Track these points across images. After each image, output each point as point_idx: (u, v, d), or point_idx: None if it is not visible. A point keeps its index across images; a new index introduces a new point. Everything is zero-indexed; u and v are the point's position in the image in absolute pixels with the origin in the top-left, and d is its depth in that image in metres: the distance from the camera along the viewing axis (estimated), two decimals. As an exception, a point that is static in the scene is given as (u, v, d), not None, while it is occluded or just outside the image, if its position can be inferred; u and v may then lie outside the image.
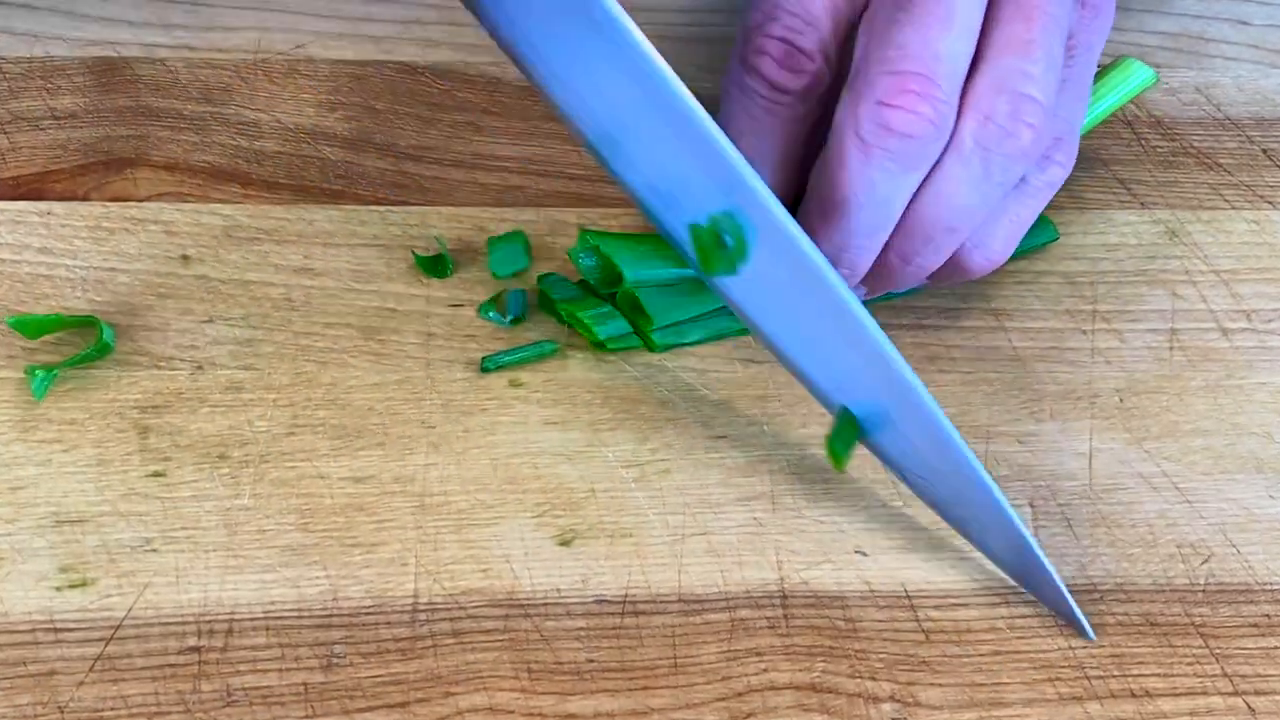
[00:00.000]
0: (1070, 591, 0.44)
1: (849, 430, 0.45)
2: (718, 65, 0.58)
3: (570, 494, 0.46)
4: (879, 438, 0.45)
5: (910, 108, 0.43)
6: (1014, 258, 0.52)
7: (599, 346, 0.49)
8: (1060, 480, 0.47)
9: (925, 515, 0.46)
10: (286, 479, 0.45)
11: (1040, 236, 0.54)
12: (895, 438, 0.44)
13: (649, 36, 0.42)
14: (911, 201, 0.45)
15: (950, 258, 0.47)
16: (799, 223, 0.44)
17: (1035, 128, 0.44)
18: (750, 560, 0.45)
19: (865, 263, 0.46)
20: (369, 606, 0.43)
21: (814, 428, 0.48)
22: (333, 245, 0.51)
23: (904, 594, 0.44)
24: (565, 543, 0.45)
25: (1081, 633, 0.43)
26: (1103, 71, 0.54)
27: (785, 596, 0.44)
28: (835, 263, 0.46)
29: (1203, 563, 0.46)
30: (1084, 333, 0.52)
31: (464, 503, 0.45)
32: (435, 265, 0.51)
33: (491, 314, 0.50)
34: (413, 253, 0.51)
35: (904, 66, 0.43)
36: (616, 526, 0.45)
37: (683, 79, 0.42)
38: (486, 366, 0.48)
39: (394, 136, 0.55)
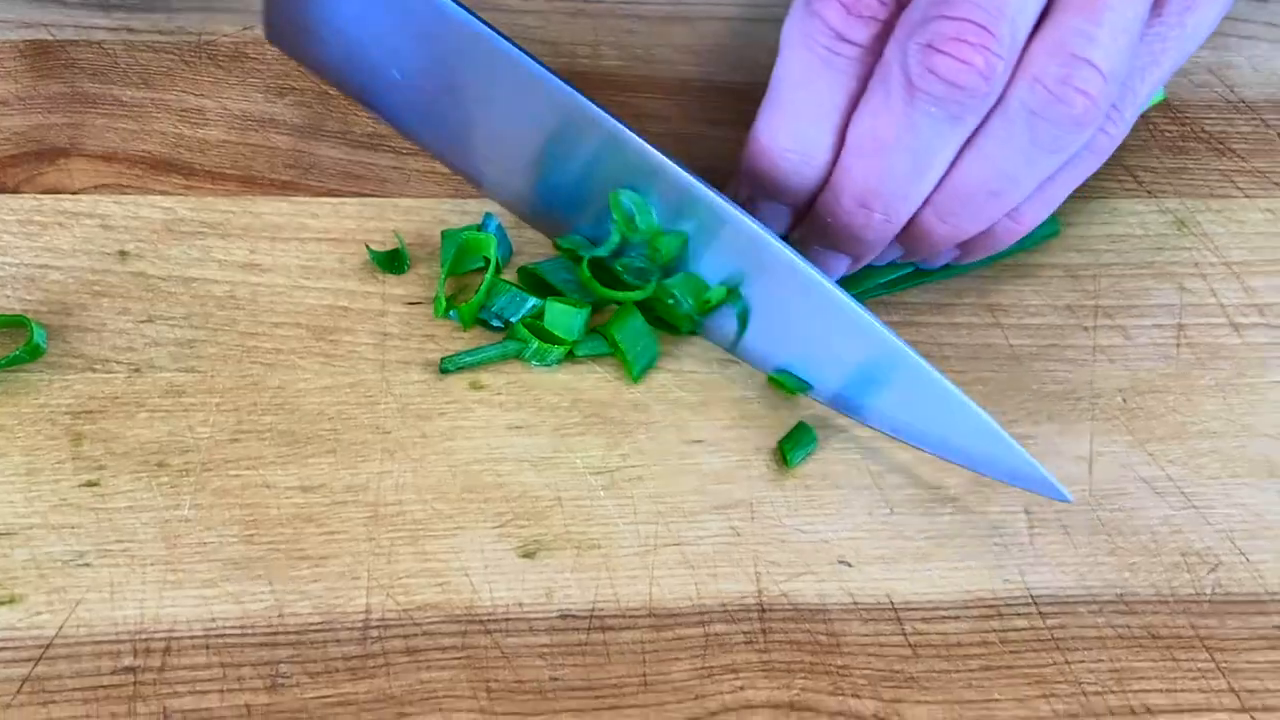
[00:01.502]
0: (1068, 601, 0.44)
1: (805, 436, 0.48)
2: (698, 45, 0.59)
3: (534, 503, 0.46)
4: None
5: (962, 56, 0.44)
6: (1012, 252, 0.53)
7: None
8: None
9: (913, 523, 0.47)
10: (230, 488, 0.46)
11: (1040, 230, 0.54)
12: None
13: (623, 16, 0.43)
14: (956, 157, 0.46)
15: None
16: (839, 163, 0.46)
17: (1091, 96, 0.45)
18: (726, 572, 0.45)
19: (901, 210, 0.47)
20: (317, 623, 0.43)
21: (795, 431, 0.49)
22: (281, 239, 0.52)
23: (890, 606, 0.45)
24: (529, 554, 0.45)
25: (1057, 497, 0.45)
26: None
27: (763, 610, 0.45)
28: (869, 206, 0.47)
29: (1209, 572, 0.46)
30: (1086, 329, 0.52)
31: (420, 513, 0.46)
32: (391, 260, 0.52)
33: (453, 313, 0.50)
34: (367, 247, 0.52)
35: (963, 13, 0.44)
36: (584, 537, 0.46)
37: (661, 62, 0.43)
38: (446, 368, 0.49)
39: (348, 123, 0.56)
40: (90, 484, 0.45)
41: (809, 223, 0.49)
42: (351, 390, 0.48)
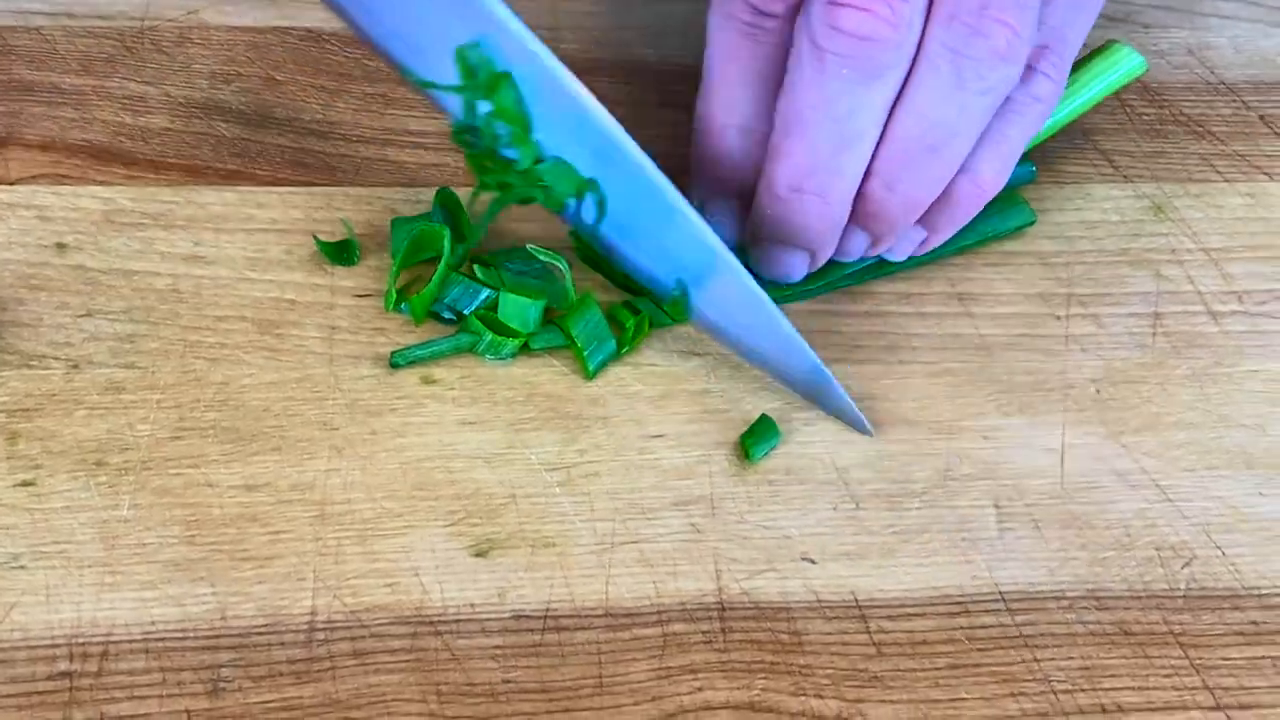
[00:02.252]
0: (1038, 597, 0.45)
1: (767, 430, 0.48)
2: (657, 26, 0.59)
3: (488, 500, 0.46)
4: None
5: (863, 5, 0.44)
6: (984, 241, 0.54)
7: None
8: (1029, 478, 0.48)
9: (878, 518, 0.47)
10: (171, 488, 0.46)
11: (1015, 219, 0.55)
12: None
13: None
14: (889, 118, 0.47)
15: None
16: (770, 148, 0.46)
17: (1011, 26, 0.45)
18: (686, 570, 0.46)
19: (836, 187, 0.48)
20: (261, 626, 0.43)
21: (758, 424, 0.49)
22: (226, 230, 0.52)
23: (854, 604, 0.45)
24: (481, 553, 0.45)
25: (861, 429, 0.48)
26: (1089, 57, 0.55)
27: (724, 609, 0.45)
28: (801, 188, 0.47)
29: (1184, 566, 0.47)
30: (1058, 318, 0.53)
31: (369, 511, 0.46)
32: (340, 252, 0.52)
33: (403, 305, 0.50)
34: (315, 238, 0.52)
35: None
36: (538, 535, 0.46)
37: (619, 45, 0.44)
38: (396, 362, 0.49)
39: (296, 110, 0.56)
40: (26, 484, 0.45)
41: (756, 221, 0.50)
42: (298, 386, 0.48)
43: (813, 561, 0.46)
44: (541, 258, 0.51)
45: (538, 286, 0.51)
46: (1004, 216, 0.54)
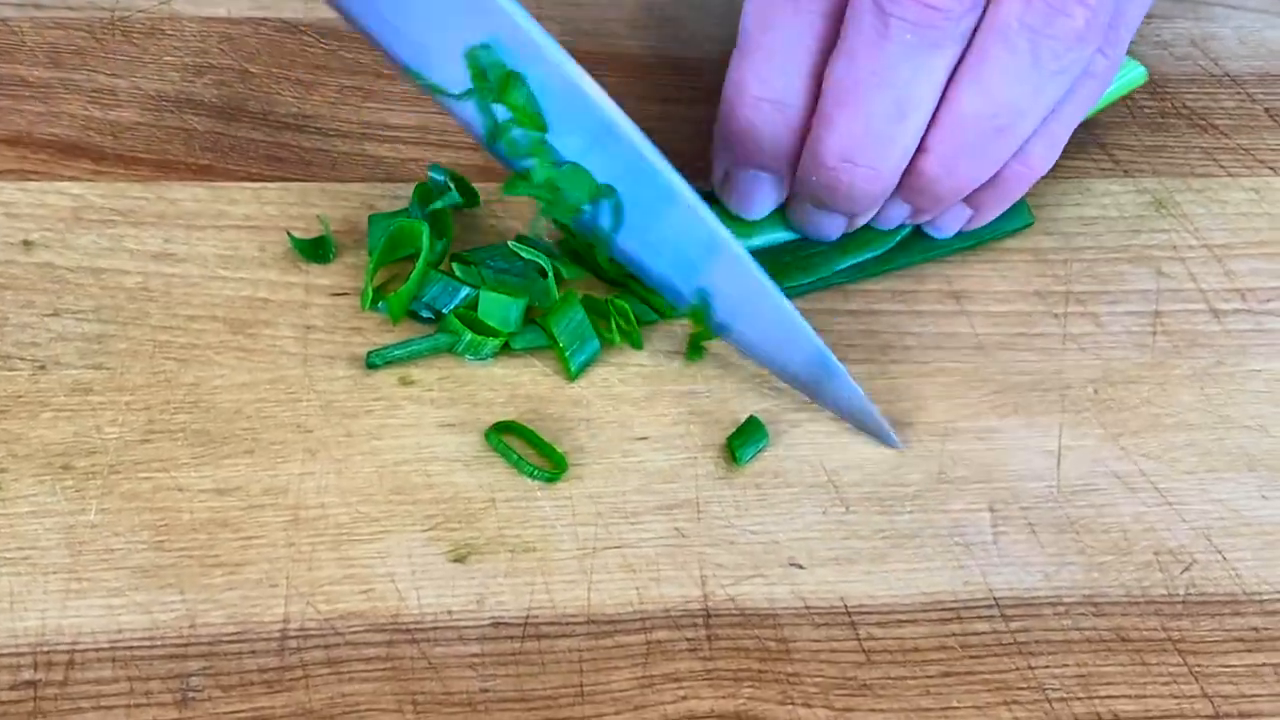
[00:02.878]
0: (1033, 603, 0.45)
1: (755, 432, 0.48)
2: (647, 19, 0.59)
3: (466, 505, 0.47)
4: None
5: None
6: (981, 242, 0.54)
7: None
8: (1025, 481, 0.49)
9: (869, 522, 0.47)
10: (139, 492, 0.46)
11: (1013, 221, 0.55)
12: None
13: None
14: (949, 94, 0.47)
15: None
16: (817, 113, 0.46)
17: (1090, 6, 0.45)
18: (670, 575, 0.46)
19: (888, 160, 0.48)
20: (231, 633, 0.44)
21: (746, 426, 0.49)
22: (198, 227, 0.52)
23: (843, 610, 0.45)
24: (459, 559, 0.46)
25: (887, 441, 0.47)
26: None
27: (709, 615, 0.45)
28: (853, 158, 0.47)
29: (1183, 571, 0.47)
30: (1056, 316, 0.53)
31: (344, 516, 0.46)
32: (316, 249, 0.52)
33: (380, 304, 0.51)
34: (290, 235, 0.52)
35: None
36: (518, 540, 0.46)
37: (609, 36, 0.44)
38: (373, 362, 0.49)
39: (270, 103, 0.56)
40: (-11, 488, 0.46)
41: (797, 181, 0.50)
42: (271, 387, 0.49)
43: (801, 567, 0.46)
44: (525, 255, 0.51)
45: (519, 285, 0.51)
46: (1002, 217, 0.54)
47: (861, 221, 0.52)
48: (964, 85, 0.46)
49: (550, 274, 0.50)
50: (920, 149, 0.48)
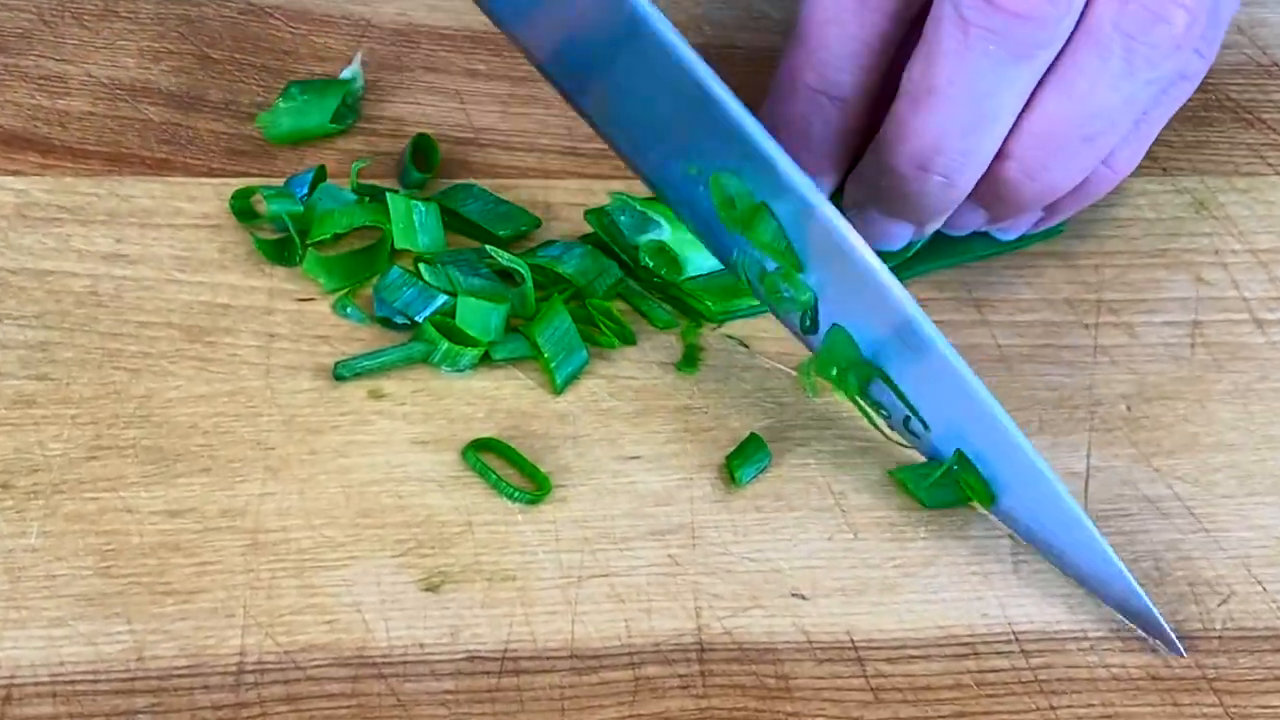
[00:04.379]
0: (1056, 638, 0.45)
1: (756, 451, 0.49)
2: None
3: (441, 529, 0.47)
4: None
5: None
6: (1007, 250, 0.54)
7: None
8: (1049, 506, 0.49)
9: (879, 550, 0.47)
10: (85, 513, 0.46)
11: (1043, 230, 0.55)
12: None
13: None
14: (1036, 101, 0.47)
15: None
16: (889, 117, 0.47)
17: (1188, 8, 0.46)
18: (662, 606, 0.46)
19: (965, 172, 0.48)
20: (183, 667, 0.44)
21: (746, 444, 0.49)
22: (152, 226, 0.53)
23: (849, 644, 0.46)
24: (432, 588, 0.46)
25: (1172, 648, 0.46)
26: None
27: (703, 650, 0.45)
28: (927, 167, 0.47)
29: (1220, 603, 0.47)
30: (1086, 327, 0.53)
31: (307, 540, 0.46)
32: (281, 250, 0.52)
33: (350, 310, 0.51)
34: (253, 235, 0.52)
35: None
36: (497, 568, 0.46)
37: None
38: (341, 374, 0.50)
39: (234, 92, 0.57)
40: (-78, 508, 0.46)
41: (861, 184, 0.50)
42: (230, 400, 0.49)
43: (804, 597, 0.46)
44: (503, 261, 0.51)
45: (499, 290, 0.51)
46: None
47: (930, 230, 0.52)
48: (1051, 92, 0.47)
49: (528, 281, 0.51)
50: (1001, 155, 0.48)
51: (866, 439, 0.50)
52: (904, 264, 0.53)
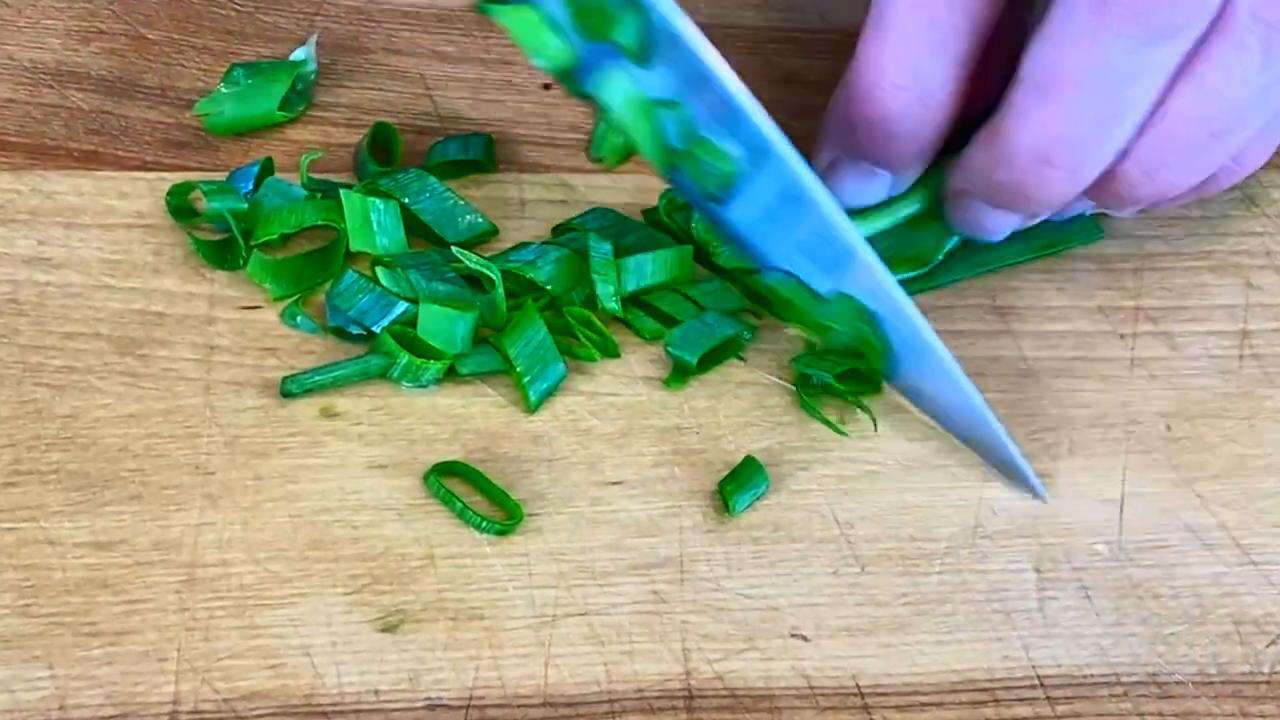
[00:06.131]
0: (1085, 683, 0.46)
1: (753, 476, 0.49)
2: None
3: (400, 562, 0.47)
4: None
5: None
6: (1038, 256, 0.54)
7: None
8: (1079, 536, 0.49)
9: (889, 585, 0.48)
10: (2, 545, 0.46)
11: (1079, 233, 0.55)
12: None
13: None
14: (1166, 94, 0.47)
15: None
16: (1008, 106, 0.48)
17: None
18: (646, 648, 0.46)
19: (1090, 166, 0.48)
20: (111, 716, 0.44)
21: (740, 468, 0.50)
22: (80, 226, 0.53)
23: (855, 690, 0.46)
24: (390, 628, 0.46)
25: (1034, 493, 0.49)
26: None
27: (692, 696, 0.45)
28: (1050, 160, 0.48)
29: (1269, 645, 0.47)
30: (1121, 337, 0.53)
31: (250, 576, 0.47)
32: (223, 252, 0.53)
33: (299, 319, 0.51)
34: (191, 236, 0.53)
35: None
36: (462, 606, 0.47)
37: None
38: (289, 390, 0.50)
39: (171, 77, 0.57)
40: None
41: (969, 175, 0.50)
42: (165, 420, 0.49)
43: (805, 638, 0.47)
44: (471, 264, 0.51)
45: (466, 297, 0.51)
46: (1065, 227, 0.55)
47: (1038, 220, 0.52)
48: (1180, 84, 0.47)
49: (499, 287, 0.51)
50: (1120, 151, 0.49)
51: (875, 463, 0.50)
52: (932, 272, 0.53)
